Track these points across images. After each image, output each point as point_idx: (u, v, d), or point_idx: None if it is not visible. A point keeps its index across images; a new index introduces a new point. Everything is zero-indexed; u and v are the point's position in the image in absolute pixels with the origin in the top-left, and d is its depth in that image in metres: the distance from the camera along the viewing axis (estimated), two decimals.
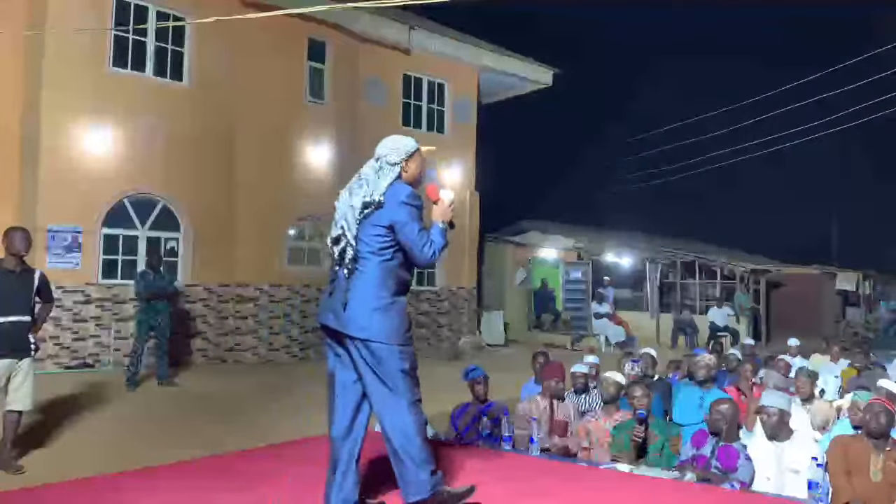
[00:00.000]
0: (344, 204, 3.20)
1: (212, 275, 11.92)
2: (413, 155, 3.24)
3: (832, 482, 4.05)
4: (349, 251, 3.12)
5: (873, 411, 4.10)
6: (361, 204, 3.13)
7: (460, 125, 15.80)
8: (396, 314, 3.13)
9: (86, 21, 10.20)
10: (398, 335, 3.11)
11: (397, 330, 3.11)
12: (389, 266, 3.15)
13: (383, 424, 3.12)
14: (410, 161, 3.23)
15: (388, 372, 3.09)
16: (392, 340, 3.09)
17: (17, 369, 5.74)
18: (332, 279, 3.23)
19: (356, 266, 3.13)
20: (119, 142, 10.96)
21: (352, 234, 3.12)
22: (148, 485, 3.55)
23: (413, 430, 3.08)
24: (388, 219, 3.11)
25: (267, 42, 12.23)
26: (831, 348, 9.61)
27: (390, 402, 3.10)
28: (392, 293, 3.15)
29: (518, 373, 8.38)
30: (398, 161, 3.20)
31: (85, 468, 4.64)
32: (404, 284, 3.23)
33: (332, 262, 3.24)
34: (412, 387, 3.14)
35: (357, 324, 3.09)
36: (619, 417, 5.12)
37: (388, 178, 3.16)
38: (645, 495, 3.63)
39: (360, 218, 3.12)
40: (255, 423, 7.63)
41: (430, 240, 3.14)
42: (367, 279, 3.12)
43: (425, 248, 3.11)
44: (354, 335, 3.09)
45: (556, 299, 18.61)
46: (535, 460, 4.37)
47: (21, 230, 5.88)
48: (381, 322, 3.08)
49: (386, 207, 3.11)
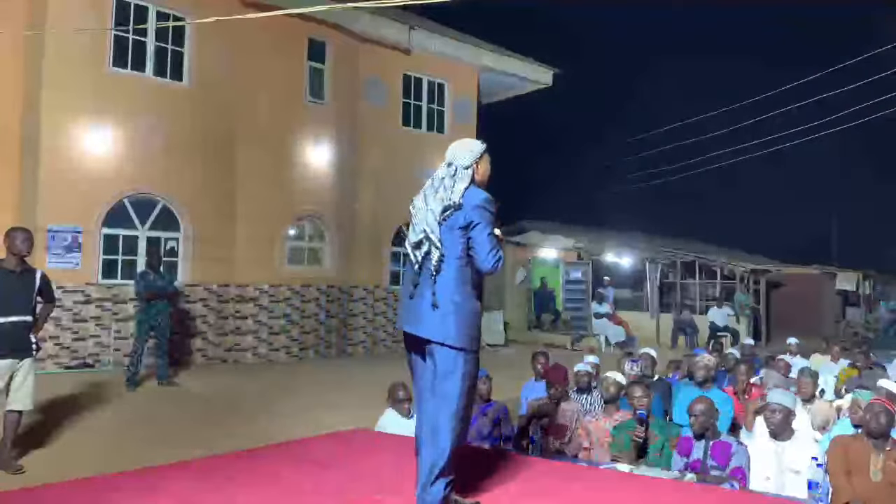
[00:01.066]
0: (421, 209, 3.22)
1: (212, 275, 11.92)
2: (482, 156, 3.33)
3: (832, 482, 4.05)
4: (435, 253, 3.13)
5: (873, 411, 4.10)
6: (441, 207, 3.15)
7: (460, 125, 15.79)
8: (467, 317, 3.14)
9: (86, 21, 10.20)
10: (464, 339, 3.11)
11: (465, 334, 3.12)
12: (466, 269, 3.17)
13: (426, 424, 3.13)
14: (481, 162, 3.31)
15: (446, 374, 3.10)
16: (458, 344, 3.10)
17: (18, 369, 5.74)
18: (414, 283, 3.22)
19: (442, 267, 3.14)
20: (119, 142, 10.96)
21: (436, 237, 3.13)
22: (148, 485, 3.55)
23: (448, 442, 3.05)
24: (464, 220, 3.15)
25: (267, 42, 12.23)
26: (831, 348, 9.63)
27: (441, 406, 3.09)
28: (466, 296, 3.16)
29: (518, 373, 8.38)
30: (470, 164, 3.27)
31: (85, 468, 4.64)
32: (479, 288, 3.25)
33: (412, 266, 3.24)
34: (463, 395, 3.11)
35: (431, 325, 3.12)
36: (619, 417, 5.12)
37: (465, 182, 3.22)
38: (645, 495, 3.63)
39: (441, 220, 3.15)
40: (255, 423, 7.63)
41: (497, 247, 3.17)
42: (447, 281, 3.14)
43: (491, 254, 3.14)
44: (427, 336, 3.13)
45: (556, 299, 18.62)
46: (535, 460, 4.37)
47: (23, 230, 5.88)
48: (452, 325, 3.10)
49: (463, 210, 3.16)
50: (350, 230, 13.83)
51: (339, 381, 10.53)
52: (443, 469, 3.03)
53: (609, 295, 18.67)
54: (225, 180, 12.02)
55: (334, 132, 13.42)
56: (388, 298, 14.46)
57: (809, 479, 3.74)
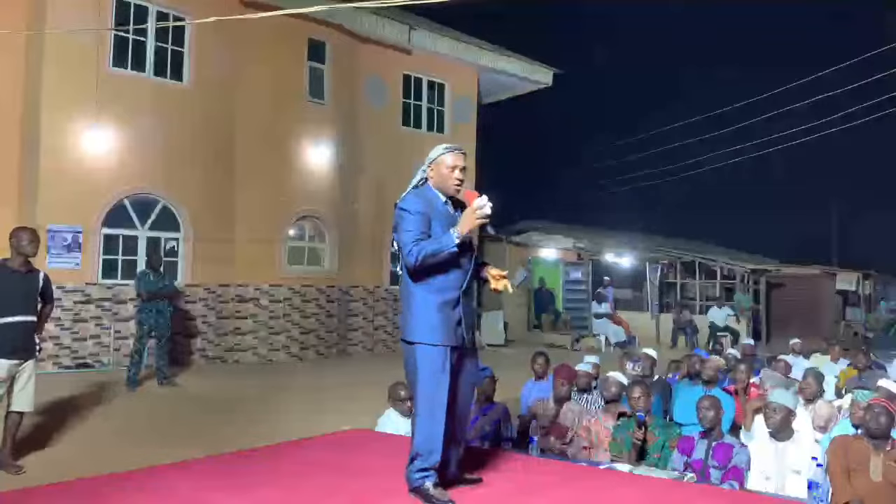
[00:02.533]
0: None
1: (212, 275, 11.92)
2: (438, 159, 3.35)
3: (832, 482, 4.05)
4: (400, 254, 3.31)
5: (873, 412, 4.09)
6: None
7: (460, 125, 15.80)
8: (417, 310, 3.25)
9: (86, 21, 10.21)
10: (415, 332, 3.23)
11: (417, 327, 3.24)
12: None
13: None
14: (435, 165, 3.35)
15: (406, 368, 3.32)
16: (409, 337, 3.26)
17: (22, 370, 5.73)
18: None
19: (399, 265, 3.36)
20: (119, 142, 10.95)
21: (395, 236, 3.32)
22: (148, 485, 3.55)
23: (417, 433, 3.25)
24: (394, 220, 3.34)
25: (267, 42, 12.23)
26: (831, 348, 9.62)
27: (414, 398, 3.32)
28: (416, 289, 3.27)
29: (518, 373, 8.38)
30: (425, 167, 3.38)
31: (85, 468, 4.63)
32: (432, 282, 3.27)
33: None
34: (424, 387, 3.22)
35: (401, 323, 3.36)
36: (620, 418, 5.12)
37: (413, 185, 3.37)
38: (645, 495, 3.63)
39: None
40: (256, 423, 7.63)
41: (418, 246, 3.18)
42: (403, 278, 3.34)
43: (403, 253, 3.21)
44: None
45: (556, 299, 18.62)
46: (535, 460, 4.37)
47: (30, 231, 5.81)
48: (405, 319, 3.30)
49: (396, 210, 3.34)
50: (350, 230, 13.83)
51: (339, 381, 10.52)
52: (414, 455, 3.24)
53: (609, 295, 18.67)
54: (225, 180, 12.02)
55: (334, 132, 13.42)
56: (388, 298, 14.45)
57: (809, 479, 3.73)
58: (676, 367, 7.76)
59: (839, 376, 7.70)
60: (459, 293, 3.28)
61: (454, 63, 15.68)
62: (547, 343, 15.71)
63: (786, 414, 4.59)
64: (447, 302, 3.26)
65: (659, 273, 19.30)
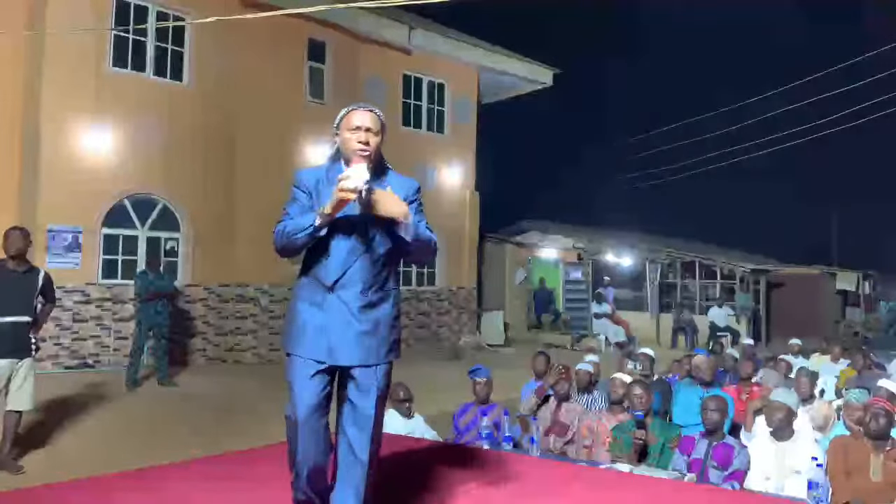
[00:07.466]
0: None
1: (212, 275, 11.92)
2: (339, 122, 2.74)
3: (832, 482, 4.05)
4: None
5: (873, 412, 4.10)
6: None
7: (460, 125, 15.79)
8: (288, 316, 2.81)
9: (86, 21, 10.20)
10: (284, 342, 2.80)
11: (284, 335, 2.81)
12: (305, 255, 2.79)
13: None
14: (339, 131, 2.75)
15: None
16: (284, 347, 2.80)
17: (18, 369, 5.74)
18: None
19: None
20: (119, 142, 10.95)
21: None
22: (148, 485, 3.55)
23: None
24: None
25: (267, 42, 12.22)
26: (831, 348, 9.61)
27: None
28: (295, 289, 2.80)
29: (518, 373, 8.37)
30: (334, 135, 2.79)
31: (85, 468, 4.64)
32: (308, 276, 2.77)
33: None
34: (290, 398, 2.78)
35: None
36: (622, 418, 5.11)
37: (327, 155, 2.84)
38: (645, 495, 3.63)
39: None
40: (256, 423, 7.62)
41: (280, 225, 2.67)
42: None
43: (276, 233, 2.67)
44: None
45: (556, 299, 18.61)
46: (535, 460, 4.37)
47: (19, 229, 5.89)
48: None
49: None
50: None
51: None
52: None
53: (609, 295, 18.66)
54: (225, 180, 12.02)
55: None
56: None
57: (809, 479, 3.73)
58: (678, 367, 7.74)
59: (839, 376, 7.70)
60: (327, 291, 2.68)
61: (454, 63, 15.67)
62: (547, 343, 15.70)
63: (787, 413, 4.59)
64: (313, 301, 2.71)
65: (659, 273, 19.30)
